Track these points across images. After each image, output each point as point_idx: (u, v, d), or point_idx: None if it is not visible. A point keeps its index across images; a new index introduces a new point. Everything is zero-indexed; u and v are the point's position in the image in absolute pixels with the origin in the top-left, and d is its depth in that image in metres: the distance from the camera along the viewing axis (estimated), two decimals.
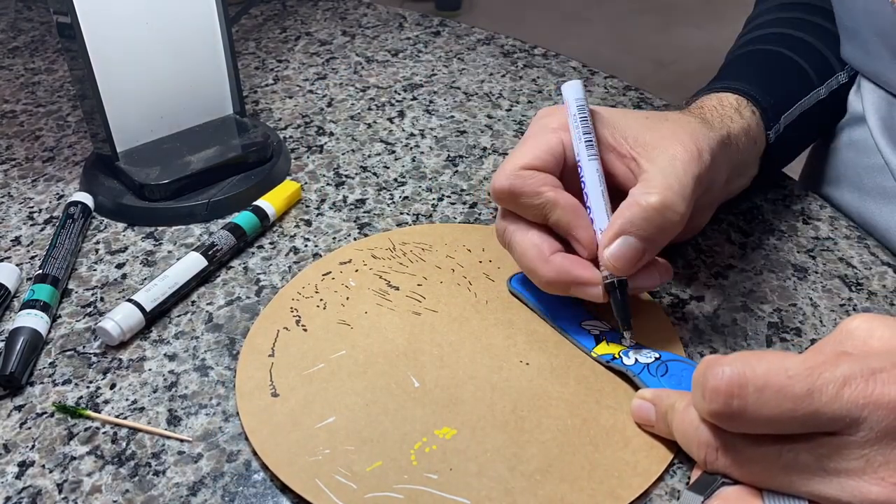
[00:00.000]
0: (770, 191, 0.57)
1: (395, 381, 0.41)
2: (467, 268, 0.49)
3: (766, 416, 0.30)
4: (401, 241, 0.52)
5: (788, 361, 0.30)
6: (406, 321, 0.45)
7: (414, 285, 0.48)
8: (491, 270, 0.49)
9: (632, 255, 0.40)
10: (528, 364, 0.42)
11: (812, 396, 0.29)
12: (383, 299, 0.47)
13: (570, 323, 0.44)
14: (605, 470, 0.37)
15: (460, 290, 0.47)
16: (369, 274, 0.49)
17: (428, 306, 0.46)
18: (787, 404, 0.29)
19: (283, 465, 0.37)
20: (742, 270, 0.50)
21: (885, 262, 0.50)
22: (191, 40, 0.57)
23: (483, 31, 0.83)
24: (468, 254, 0.50)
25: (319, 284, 0.48)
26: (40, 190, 0.58)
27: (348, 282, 0.48)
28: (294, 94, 0.71)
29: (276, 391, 0.41)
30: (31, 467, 0.38)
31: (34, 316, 0.44)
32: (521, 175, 0.42)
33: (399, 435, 0.38)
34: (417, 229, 0.53)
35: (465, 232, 0.52)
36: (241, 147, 0.58)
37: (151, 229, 0.54)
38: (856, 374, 0.29)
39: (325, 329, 0.45)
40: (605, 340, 0.43)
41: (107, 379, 0.43)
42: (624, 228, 0.40)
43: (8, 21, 0.87)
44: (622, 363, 0.41)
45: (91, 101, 0.54)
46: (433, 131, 0.65)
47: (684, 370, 0.40)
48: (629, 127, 0.44)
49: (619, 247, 0.40)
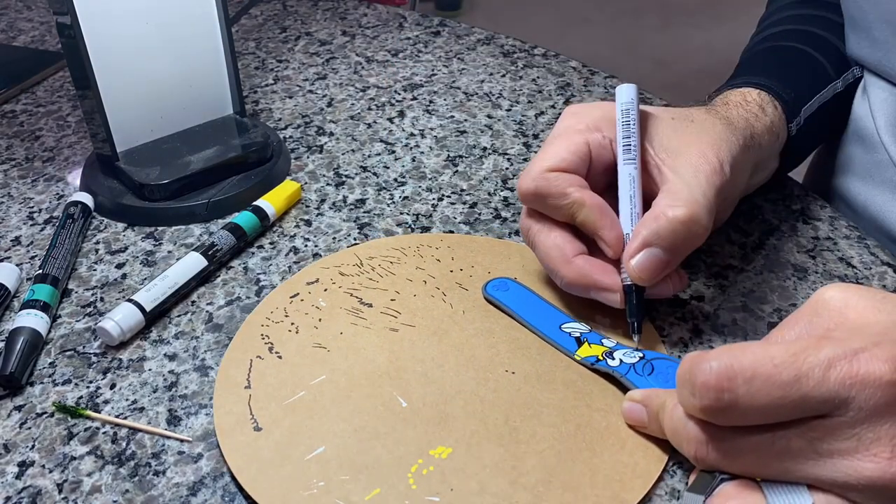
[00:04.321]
0: (770, 191, 0.57)
1: (382, 403, 0.40)
2: (439, 278, 0.48)
3: (758, 406, 0.30)
4: (367, 255, 0.50)
5: (772, 350, 0.30)
6: (384, 339, 0.44)
7: (387, 301, 0.46)
8: (463, 279, 0.48)
9: (657, 266, 0.41)
10: (513, 373, 0.42)
11: (799, 382, 0.30)
12: (357, 318, 0.45)
13: (550, 327, 0.44)
14: (605, 475, 0.36)
15: (435, 302, 0.46)
16: (339, 292, 0.47)
17: (405, 321, 0.45)
18: (776, 392, 0.30)
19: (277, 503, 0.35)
20: (742, 270, 0.50)
21: (885, 262, 0.50)
22: (191, 40, 0.57)
23: (483, 31, 0.83)
24: (438, 264, 0.49)
25: (288, 307, 0.46)
26: (40, 190, 0.58)
27: (318, 302, 0.46)
28: (294, 94, 0.71)
29: (258, 425, 0.39)
30: (31, 467, 0.38)
31: (34, 316, 0.44)
32: (548, 177, 0.43)
33: (394, 459, 0.37)
34: (382, 242, 0.52)
35: (431, 241, 0.51)
36: (241, 147, 0.58)
37: (151, 229, 0.54)
38: (839, 355, 0.30)
39: (300, 355, 0.43)
40: (587, 342, 0.43)
41: (107, 379, 0.43)
42: (650, 240, 0.40)
43: (8, 21, 0.87)
44: (607, 365, 0.41)
45: (91, 101, 0.54)
46: (433, 131, 0.65)
47: (670, 367, 0.40)
48: (655, 131, 0.44)
49: (645, 257, 0.41)
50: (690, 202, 0.40)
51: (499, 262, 0.50)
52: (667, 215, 0.40)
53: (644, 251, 0.41)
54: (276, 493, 0.36)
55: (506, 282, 0.47)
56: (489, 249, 0.51)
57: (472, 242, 0.51)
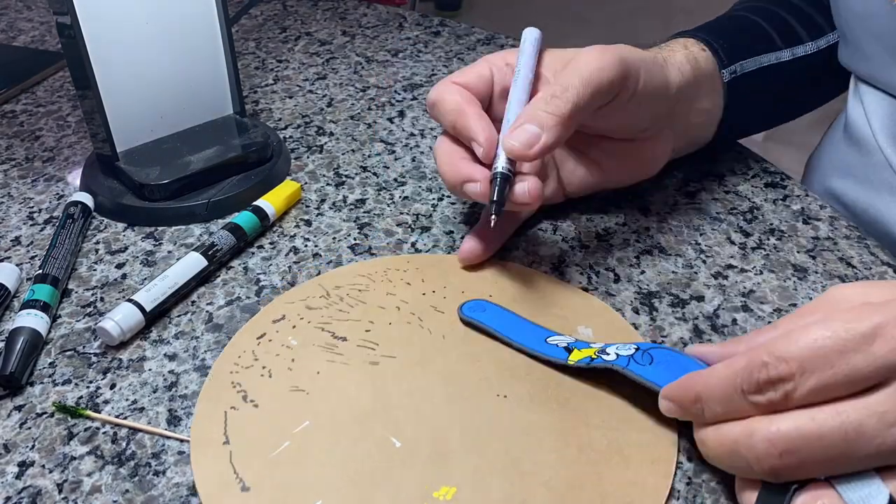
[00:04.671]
0: (770, 191, 0.57)
1: (375, 446, 0.37)
2: (412, 303, 0.46)
3: (808, 390, 0.30)
4: (333, 285, 0.47)
5: (813, 331, 0.31)
6: (365, 375, 0.41)
7: (362, 332, 0.44)
8: (437, 302, 0.46)
9: (529, 138, 0.42)
10: (505, 396, 0.40)
11: (847, 356, 0.30)
12: (333, 354, 0.43)
13: (536, 341, 0.43)
14: (616, 498, 0.35)
15: (413, 329, 0.44)
16: (309, 328, 0.44)
17: (384, 353, 0.43)
18: (827, 373, 0.30)
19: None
20: (742, 270, 0.50)
21: (885, 262, 0.50)
22: (191, 40, 0.57)
23: (483, 31, 0.83)
24: (408, 287, 0.47)
25: (257, 350, 0.43)
26: (40, 190, 0.58)
27: (288, 341, 0.43)
28: (294, 94, 0.71)
29: (245, 485, 0.36)
30: (31, 467, 0.38)
31: (34, 316, 0.44)
32: (443, 89, 0.47)
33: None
34: (346, 269, 0.49)
35: (398, 264, 0.49)
36: (241, 147, 0.58)
37: (151, 229, 0.54)
38: (885, 321, 0.30)
39: (278, 401, 0.40)
40: (576, 349, 0.42)
41: (107, 379, 0.43)
42: (524, 118, 0.43)
43: (8, 21, 0.87)
44: (604, 361, 0.39)
45: (91, 101, 0.54)
46: (433, 131, 0.65)
47: (668, 356, 0.39)
48: (560, 60, 0.49)
49: (518, 130, 0.42)
50: (564, 80, 0.43)
51: (471, 280, 0.48)
52: (541, 95, 0.43)
53: (519, 128, 0.42)
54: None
55: (482, 303, 0.46)
56: (458, 267, 0.49)
57: (440, 262, 0.50)
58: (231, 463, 0.37)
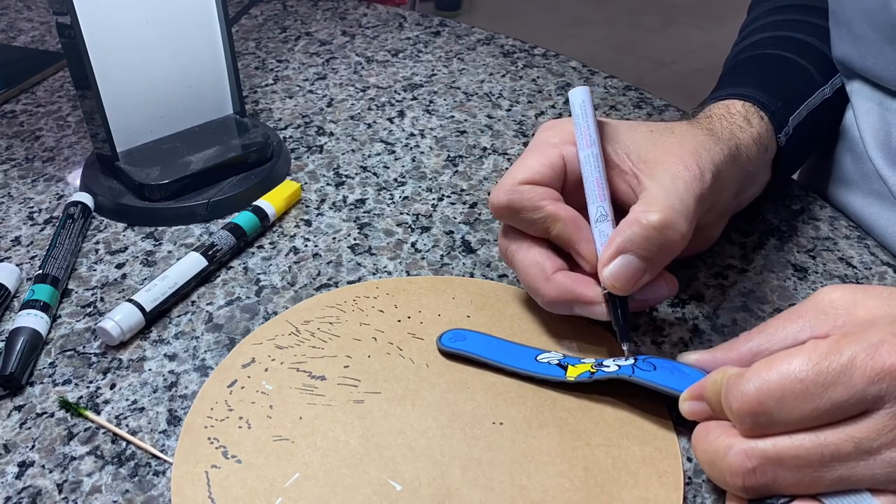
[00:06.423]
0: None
1: (374, 492, 0.35)
2: (388, 331, 0.43)
3: (795, 420, 0.31)
4: (301, 320, 0.45)
5: (795, 364, 0.31)
6: (351, 415, 0.39)
7: (341, 368, 0.41)
8: (415, 328, 0.44)
9: (631, 274, 0.39)
10: (501, 423, 0.38)
11: (827, 391, 0.30)
12: (313, 396, 0.40)
13: (527, 361, 0.41)
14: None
15: (393, 360, 0.42)
16: (283, 370, 0.41)
17: (367, 389, 0.40)
18: (808, 406, 0.30)
19: None
20: (742, 270, 0.50)
21: (885, 262, 0.50)
22: (191, 40, 0.57)
23: (483, 31, 0.83)
24: (381, 315, 0.45)
25: (229, 399, 0.40)
26: (40, 190, 0.58)
27: (263, 386, 0.40)
28: (294, 94, 0.71)
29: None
30: (31, 467, 0.38)
31: (34, 316, 0.44)
32: (520, 190, 0.41)
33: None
34: (313, 301, 0.46)
35: (367, 291, 0.47)
36: (241, 147, 0.58)
37: (151, 229, 0.54)
38: (860, 352, 0.30)
39: (262, 454, 0.37)
40: (570, 365, 0.41)
41: (107, 379, 0.43)
42: (623, 247, 0.39)
43: (8, 21, 0.87)
44: (606, 373, 0.38)
45: (91, 101, 0.54)
46: (433, 131, 0.65)
47: (666, 364, 0.39)
48: (633, 142, 0.43)
49: (619, 265, 0.39)
50: (666, 207, 0.39)
51: (445, 301, 0.46)
52: (640, 221, 0.39)
53: (618, 259, 0.39)
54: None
55: (460, 332, 0.44)
56: (430, 289, 0.47)
57: (409, 285, 0.47)
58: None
